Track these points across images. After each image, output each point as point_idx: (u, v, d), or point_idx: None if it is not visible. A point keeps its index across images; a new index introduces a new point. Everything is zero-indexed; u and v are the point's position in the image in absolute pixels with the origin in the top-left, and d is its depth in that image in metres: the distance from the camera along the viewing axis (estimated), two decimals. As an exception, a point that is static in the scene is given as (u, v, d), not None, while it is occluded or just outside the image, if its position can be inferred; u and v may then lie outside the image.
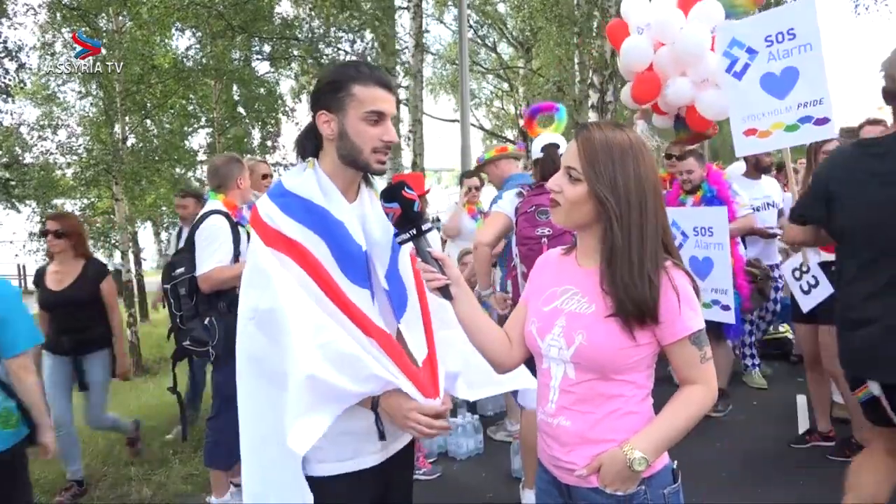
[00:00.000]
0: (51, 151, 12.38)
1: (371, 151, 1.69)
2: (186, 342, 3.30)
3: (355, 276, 1.69)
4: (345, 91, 1.67)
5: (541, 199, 3.16)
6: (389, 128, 1.71)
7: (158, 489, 4.04)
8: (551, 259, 1.76)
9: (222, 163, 3.64)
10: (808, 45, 3.64)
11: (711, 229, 4.39)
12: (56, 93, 13.10)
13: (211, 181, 3.64)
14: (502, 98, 24.12)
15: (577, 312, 1.56)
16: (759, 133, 3.88)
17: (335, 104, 1.68)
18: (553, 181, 1.59)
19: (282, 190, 1.72)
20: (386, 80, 1.71)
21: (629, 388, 1.54)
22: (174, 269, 3.34)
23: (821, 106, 3.61)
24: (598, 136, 1.53)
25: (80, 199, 14.27)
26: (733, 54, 3.90)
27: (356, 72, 1.69)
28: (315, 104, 1.74)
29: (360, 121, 1.67)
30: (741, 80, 3.89)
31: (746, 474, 3.83)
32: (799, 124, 3.69)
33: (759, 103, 3.83)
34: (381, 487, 1.79)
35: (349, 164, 1.72)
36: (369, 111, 1.67)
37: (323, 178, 1.71)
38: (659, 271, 1.49)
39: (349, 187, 1.76)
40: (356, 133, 1.68)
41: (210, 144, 14.70)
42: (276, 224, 1.65)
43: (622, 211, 1.49)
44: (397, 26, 13.79)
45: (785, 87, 3.73)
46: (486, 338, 1.70)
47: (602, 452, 1.52)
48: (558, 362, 1.58)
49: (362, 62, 1.77)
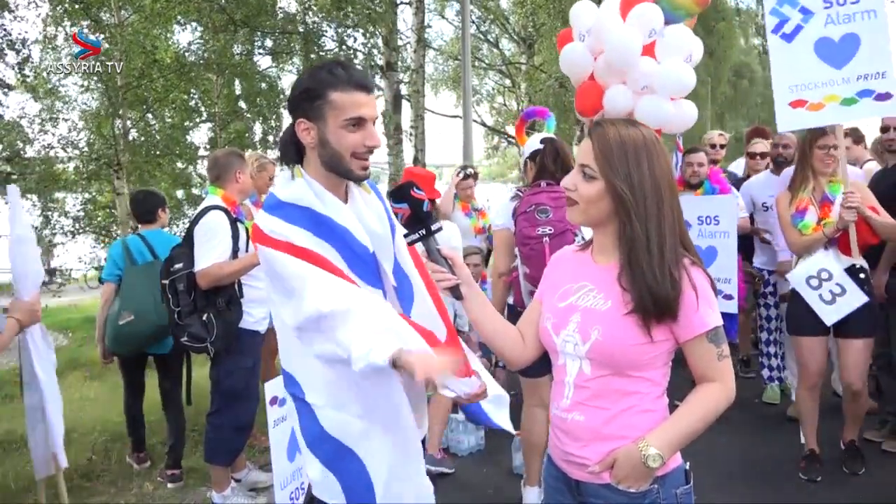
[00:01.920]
0: (52, 145, 12.39)
1: (352, 157, 1.66)
2: (184, 338, 3.28)
3: (367, 278, 1.68)
4: (322, 99, 1.63)
5: (539, 198, 3.10)
6: (372, 132, 1.67)
7: (159, 485, 4.04)
8: (566, 256, 1.76)
9: (222, 154, 3.63)
10: (872, 12, 3.35)
11: (718, 218, 4.38)
12: (57, 86, 13.08)
13: (210, 173, 3.63)
14: (504, 94, 24.09)
15: (592, 308, 1.57)
16: (808, 105, 3.47)
17: (313, 112, 1.64)
18: (567, 180, 1.59)
19: (277, 202, 1.68)
20: (364, 82, 1.66)
21: (645, 384, 1.54)
22: (172, 265, 3.33)
23: (883, 80, 3.33)
24: (612, 133, 1.53)
25: (81, 194, 14.26)
26: (783, 13, 3.54)
27: (331, 76, 1.63)
28: (293, 112, 1.69)
29: (340, 128, 1.64)
30: (791, 43, 3.53)
31: (749, 472, 3.82)
32: (857, 98, 3.37)
33: (811, 71, 3.44)
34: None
35: (332, 171, 1.69)
36: (349, 118, 1.63)
37: (315, 185, 1.68)
38: (679, 267, 1.50)
39: (339, 188, 1.74)
40: (338, 142, 1.64)
41: (211, 139, 14.70)
42: (284, 237, 1.60)
43: (639, 205, 1.49)
44: (399, 21, 13.77)
45: (844, 56, 3.41)
46: (499, 336, 1.73)
47: (616, 449, 1.52)
48: (574, 358, 1.58)
49: (338, 63, 1.69)
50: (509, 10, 20.29)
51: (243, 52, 13.97)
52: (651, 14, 4.39)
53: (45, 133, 12.36)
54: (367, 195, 1.81)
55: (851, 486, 3.57)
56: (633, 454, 1.48)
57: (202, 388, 3.95)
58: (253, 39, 13.87)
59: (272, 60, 15.35)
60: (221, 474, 3.61)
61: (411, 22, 13.13)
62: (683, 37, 4.55)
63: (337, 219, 1.67)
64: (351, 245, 1.67)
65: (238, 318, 3.41)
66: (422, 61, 13.16)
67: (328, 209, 1.67)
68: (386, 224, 1.79)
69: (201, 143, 15.47)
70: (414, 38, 12.91)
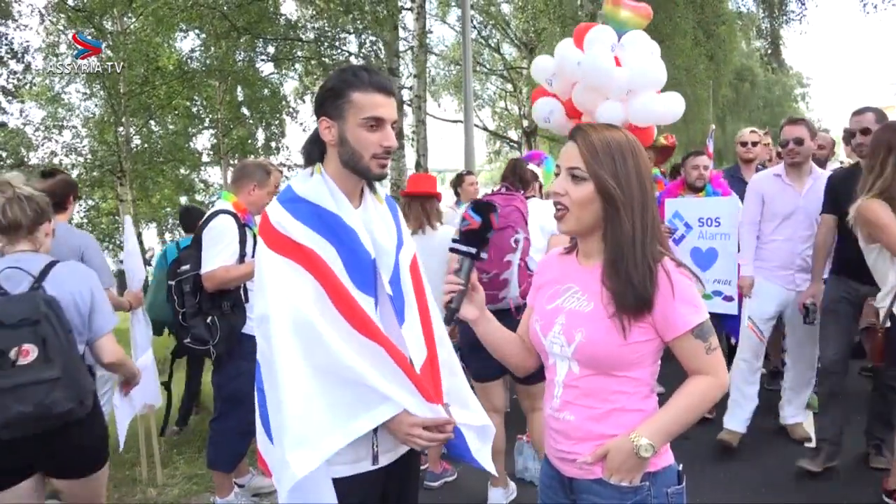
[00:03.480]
0: (56, 152, 12.45)
1: (371, 157, 1.71)
2: (187, 339, 3.30)
3: (362, 284, 1.70)
4: (344, 98, 1.69)
5: (492, 198, 3.30)
6: (389, 133, 1.72)
7: (162, 489, 4.05)
8: (553, 259, 1.77)
9: (250, 164, 3.69)
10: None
11: (719, 219, 4.47)
12: (61, 94, 13.15)
13: (233, 174, 3.74)
14: (506, 98, 24.15)
15: (576, 310, 1.58)
16: None
17: (335, 111, 1.71)
18: (557, 184, 1.59)
19: (292, 195, 1.73)
20: (385, 85, 1.72)
21: (632, 384, 1.55)
22: (180, 266, 3.36)
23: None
24: (595, 135, 1.55)
25: (84, 200, 14.32)
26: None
27: (355, 78, 1.70)
28: (317, 111, 1.77)
29: (358, 127, 1.69)
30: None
31: (748, 475, 3.81)
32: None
33: None
34: (381, 490, 1.79)
35: (351, 170, 1.74)
36: (367, 117, 1.68)
37: (331, 184, 1.73)
38: (657, 264, 1.51)
39: (354, 192, 1.78)
40: (356, 139, 1.70)
41: (214, 145, 14.74)
42: (287, 231, 1.67)
43: (627, 200, 1.51)
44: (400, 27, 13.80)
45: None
46: (507, 351, 1.77)
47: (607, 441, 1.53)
48: (562, 359, 1.60)
49: (363, 67, 1.77)
50: (510, 15, 20.35)
51: (245, 58, 14.05)
52: (603, 34, 5.13)
53: (49, 140, 12.43)
54: (380, 205, 1.84)
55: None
56: (625, 445, 1.50)
57: (206, 395, 3.96)
58: (255, 46, 13.93)
59: (274, 67, 15.43)
60: (224, 479, 3.61)
61: (413, 27, 13.19)
62: (639, 38, 5.21)
63: (346, 219, 1.71)
64: (354, 248, 1.70)
65: (242, 323, 3.43)
66: (423, 66, 13.20)
67: (339, 209, 1.71)
68: (393, 236, 1.82)
69: (204, 149, 15.54)
70: (416, 43, 12.95)
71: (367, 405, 1.64)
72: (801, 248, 3.98)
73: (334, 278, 1.65)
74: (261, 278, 1.67)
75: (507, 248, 3.18)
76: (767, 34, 19.09)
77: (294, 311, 1.61)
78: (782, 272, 4.05)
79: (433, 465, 3.92)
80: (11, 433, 2.12)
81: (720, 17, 15.66)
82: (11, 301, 2.17)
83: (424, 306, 1.86)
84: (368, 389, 1.63)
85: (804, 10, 16.37)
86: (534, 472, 3.91)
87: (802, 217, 3.95)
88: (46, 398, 2.10)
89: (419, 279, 1.89)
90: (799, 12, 16.55)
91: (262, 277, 1.67)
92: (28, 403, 2.08)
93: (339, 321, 1.63)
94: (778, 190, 4.01)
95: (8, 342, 2.09)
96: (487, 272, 3.18)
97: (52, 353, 2.13)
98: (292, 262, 1.64)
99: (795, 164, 3.94)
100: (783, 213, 3.99)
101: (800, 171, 3.96)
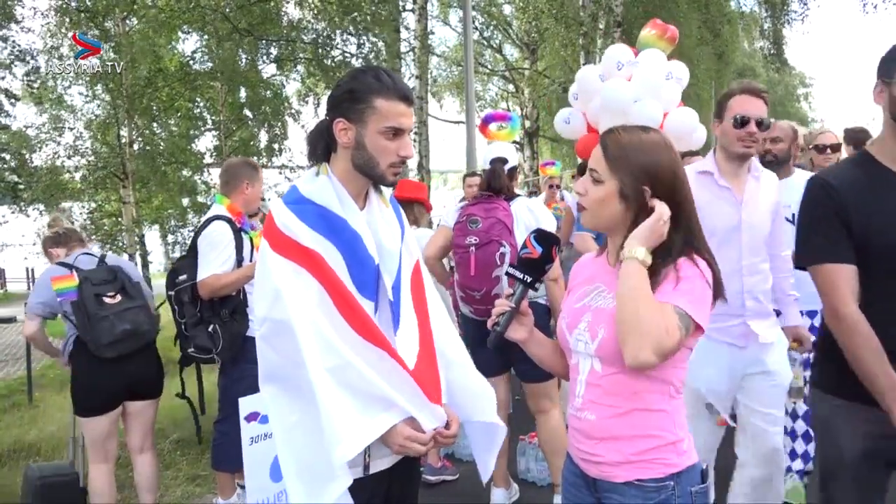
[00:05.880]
0: (58, 154, 12.47)
1: (388, 166, 1.71)
2: (191, 349, 3.29)
3: (364, 288, 1.70)
4: (366, 103, 1.66)
5: (473, 210, 3.31)
6: (407, 142, 1.72)
7: (166, 490, 4.05)
8: (586, 262, 1.81)
9: (235, 163, 3.65)
10: None
11: None
12: (63, 95, 13.18)
13: (220, 179, 3.66)
14: (508, 99, 24.13)
15: (601, 308, 1.60)
16: None
17: (355, 114, 1.68)
18: (578, 184, 1.66)
19: (298, 196, 1.72)
20: (408, 94, 1.72)
21: (656, 384, 1.54)
22: (177, 276, 3.32)
23: None
24: (623, 136, 1.59)
25: (87, 202, 14.34)
26: None
27: (378, 83, 1.67)
28: (333, 110, 1.72)
29: (378, 134, 1.67)
30: None
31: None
32: None
33: None
34: (385, 493, 1.79)
35: (363, 174, 1.73)
36: (389, 126, 1.67)
37: (338, 185, 1.72)
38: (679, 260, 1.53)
39: (360, 193, 1.78)
40: (374, 146, 1.68)
41: (216, 147, 14.74)
42: (292, 233, 1.65)
43: (657, 192, 1.54)
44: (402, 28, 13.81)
45: None
46: (552, 362, 1.80)
47: (626, 447, 1.54)
48: (585, 356, 1.62)
49: (382, 69, 1.74)
50: (512, 16, 20.34)
51: (248, 60, 14.05)
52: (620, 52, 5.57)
53: (52, 142, 12.45)
54: (386, 208, 1.84)
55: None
56: None
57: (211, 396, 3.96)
58: (257, 48, 13.94)
59: (277, 68, 15.41)
60: (227, 480, 3.62)
61: (415, 28, 13.19)
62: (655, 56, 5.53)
63: (351, 223, 1.70)
64: (358, 251, 1.70)
65: (244, 328, 3.40)
66: (425, 67, 13.20)
67: (345, 212, 1.70)
68: (398, 239, 1.82)
69: (207, 151, 15.54)
70: (417, 44, 12.96)
71: (372, 412, 1.62)
72: (751, 282, 2.61)
73: (338, 282, 1.65)
74: (269, 281, 1.65)
75: (492, 265, 3.19)
76: (770, 34, 19.07)
77: (314, 314, 1.60)
78: (727, 323, 2.54)
79: (432, 459, 3.91)
80: (118, 350, 3.15)
81: (724, 16, 15.67)
82: (97, 269, 3.33)
83: (424, 310, 1.84)
84: (374, 397, 1.61)
85: (806, 9, 16.37)
86: (536, 473, 3.91)
87: (748, 238, 2.60)
88: (136, 318, 3.23)
89: (420, 283, 1.88)
90: (801, 12, 16.55)
91: (270, 281, 1.65)
92: (126, 322, 3.17)
93: (343, 325, 1.63)
94: (711, 196, 2.58)
95: (102, 290, 3.22)
96: (478, 290, 3.21)
97: (131, 293, 3.29)
98: (297, 265, 1.63)
99: (746, 157, 2.61)
100: (723, 228, 2.55)
101: (741, 165, 2.64)
